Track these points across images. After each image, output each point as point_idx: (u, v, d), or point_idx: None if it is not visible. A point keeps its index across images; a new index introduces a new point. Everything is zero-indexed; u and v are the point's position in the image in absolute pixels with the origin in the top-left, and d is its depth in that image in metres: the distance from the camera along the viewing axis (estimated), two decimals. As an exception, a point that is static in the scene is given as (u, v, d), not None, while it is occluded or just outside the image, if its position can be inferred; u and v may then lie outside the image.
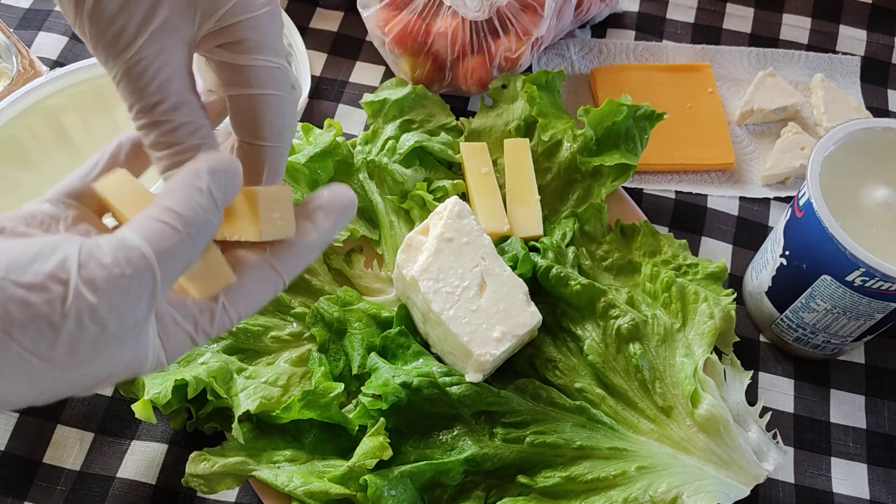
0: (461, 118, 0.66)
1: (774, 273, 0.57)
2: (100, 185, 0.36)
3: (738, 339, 0.57)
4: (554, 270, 0.54)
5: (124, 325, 0.29)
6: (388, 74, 0.72)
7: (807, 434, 0.58)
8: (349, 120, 0.70)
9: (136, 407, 0.47)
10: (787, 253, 0.55)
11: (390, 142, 0.63)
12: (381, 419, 0.48)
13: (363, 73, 0.72)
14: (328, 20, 0.75)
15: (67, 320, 0.28)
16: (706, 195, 0.68)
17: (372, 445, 0.47)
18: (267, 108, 0.35)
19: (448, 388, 0.49)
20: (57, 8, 0.73)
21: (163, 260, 0.30)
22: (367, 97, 0.65)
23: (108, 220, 0.38)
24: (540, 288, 0.55)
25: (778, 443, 0.52)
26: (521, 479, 0.49)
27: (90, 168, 0.37)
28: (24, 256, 0.28)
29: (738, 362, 0.55)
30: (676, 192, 0.67)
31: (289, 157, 0.58)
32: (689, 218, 0.66)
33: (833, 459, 0.57)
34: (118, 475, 0.53)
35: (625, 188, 0.65)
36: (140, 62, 0.32)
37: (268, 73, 0.34)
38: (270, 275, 0.35)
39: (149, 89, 0.33)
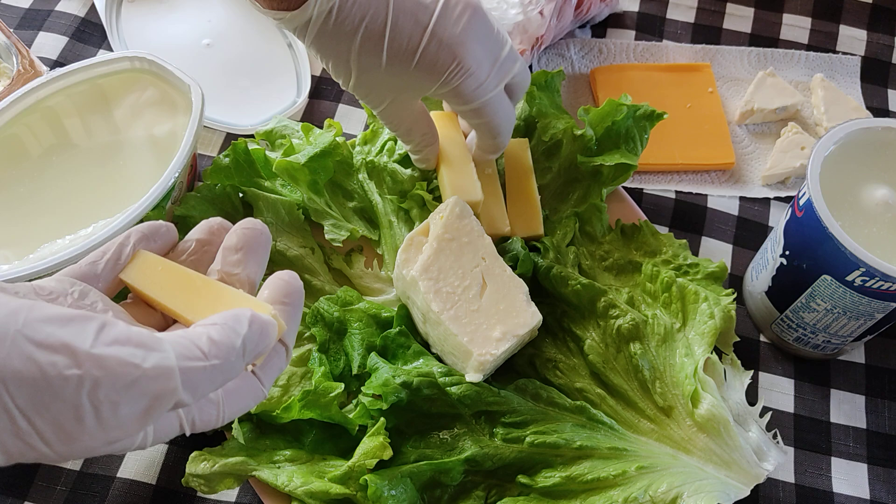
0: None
1: (774, 273, 0.57)
2: (125, 274, 0.40)
3: (738, 339, 0.57)
4: (554, 270, 0.54)
5: (118, 416, 0.30)
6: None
7: (807, 434, 0.58)
8: (349, 120, 0.70)
9: (136, 407, 0.47)
10: (787, 253, 0.55)
11: (389, 142, 0.63)
12: (382, 419, 0.48)
13: (363, 72, 0.72)
14: (328, 20, 0.75)
15: (66, 388, 0.29)
16: (706, 195, 0.68)
17: (372, 445, 0.48)
18: (491, 125, 0.52)
19: (448, 388, 0.49)
20: (57, 8, 0.73)
21: (185, 378, 0.32)
22: None
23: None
24: (540, 288, 0.55)
25: (778, 442, 0.52)
26: (522, 478, 0.49)
27: (98, 258, 0.40)
28: (46, 316, 0.30)
29: (739, 362, 0.55)
30: (676, 192, 0.67)
31: (288, 157, 0.58)
32: (689, 218, 0.66)
33: (833, 459, 0.57)
34: (118, 475, 0.53)
35: (625, 188, 0.65)
36: (386, 114, 0.52)
37: (483, 108, 0.51)
38: (256, 384, 0.38)
39: (394, 126, 0.54)
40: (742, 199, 0.68)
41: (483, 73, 0.48)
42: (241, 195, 0.59)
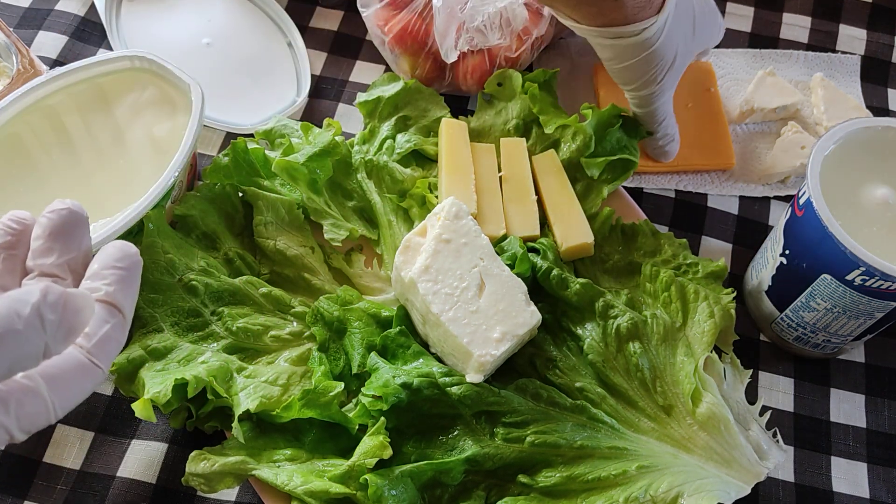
0: (461, 117, 0.66)
1: (774, 272, 0.57)
2: None
3: (738, 338, 0.57)
4: (554, 272, 0.54)
5: None
6: (388, 73, 0.72)
7: (807, 433, 0.58)
8: (349, 119, 0.70)
9: (136, 406, 0.47)
10: (787, 252, 0.55)
11: (388, 141, 0.63)
12: (382, 418, 0.48)
13: (363, 72, 0.72)
14: (328, 19, 0.75)
15: None
16: (706, 194, 0.67)
17: (372, 444, 0.48)
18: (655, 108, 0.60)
19: (448, 389, 0.49)
20: (57, 7, 0.73)
21: None
22: (361, 97, 0.65)
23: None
24: (540, 287, 0.55)
25: (778, 441, 0.52)
26: (522, 478, 0.49)
27: None
28: None
29: (738, 361, 0.55)
30: (676, 191, 0.67)
31: (287, 156, 0.58)
32: (689, 217, 0.66)
33: (833, 458, 0.57)
34: (118, 474, 0.53)
35: (625, 187, 0.65)
36: (667, 95, 0.60)
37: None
38: (90, 367, 0.35)
39: (663, 111, 0.61)
40: (742, 198, 0.68)
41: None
42: (240, 194, 0.59)
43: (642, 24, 0.52)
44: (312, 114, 0.70)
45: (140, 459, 0.53)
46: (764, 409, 0.56)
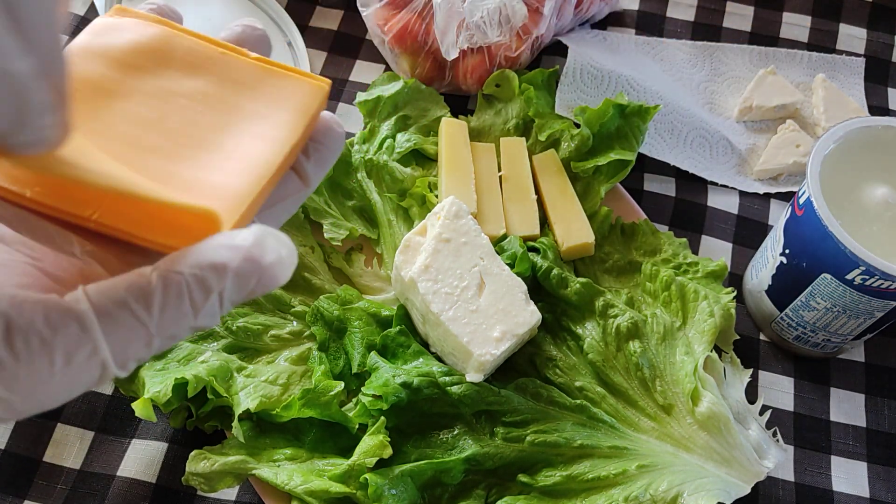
0: (461, 116, 0.66)
1: (774, 271, 0.57)
2: None
3: (738, 338, 0.57)
4: (554, 272, 0.54)
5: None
6: (388, 73, 0.72)
7: (807, 432, 0.58)
8: (349, 118, 0.70)
9: (136, 405, 0.47)
10: (787, 251, 0.55)
11: (388, 140, 0.63)
12: (382, 417, 0.48)
13: (363, 71, 0.72)
14: (328, 18, 0.75)
15: None
16: (706, 193, 0.67)
17: (372, 444, 0.48)
18: None
19: (448, 388, 0.49)
20: (56, 6, 0.73)
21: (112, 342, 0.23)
22: (361, 96, 0.65)
23: None
24: (540, 287, 0.55)
25: (778, 441, 0.52)
26: (522, 477, 0.49)
27: None
28: None
29: (738, 360, 0.55)
30: (676, 189, 0.67)
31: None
32: (689, 216, 0.66)
33: (833, 458, 0.57)
34: (118, 474, 0.53)
35: (625, 186, 0.65)
36: None
37: None
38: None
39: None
40: (741, 197, 0.67)
41: None
42: (240, 194, 0.59)
43: None
44: (312, 113, 0.70)
45: (140, 459, 0.53)
46: (764, 408, 0.56)
